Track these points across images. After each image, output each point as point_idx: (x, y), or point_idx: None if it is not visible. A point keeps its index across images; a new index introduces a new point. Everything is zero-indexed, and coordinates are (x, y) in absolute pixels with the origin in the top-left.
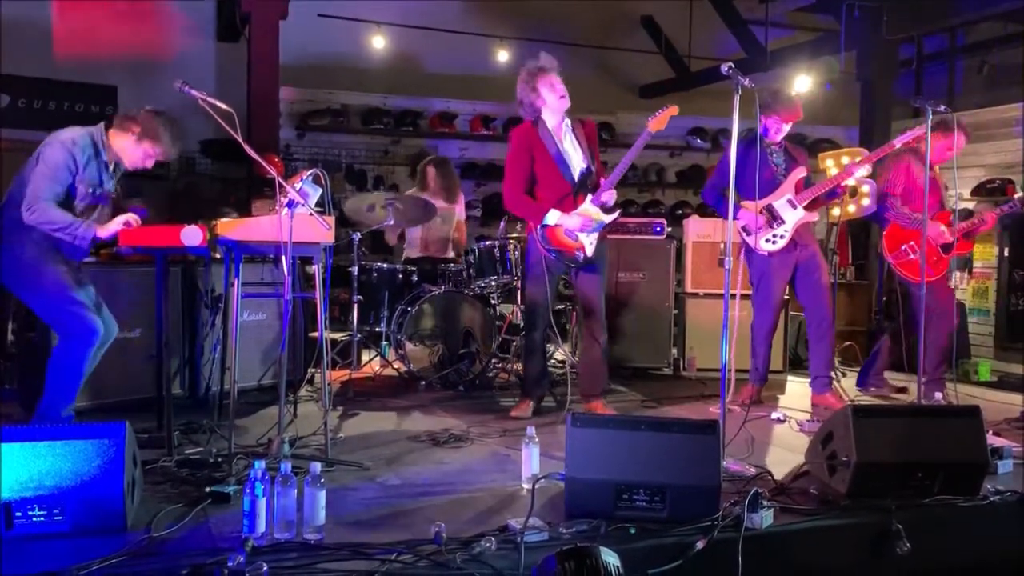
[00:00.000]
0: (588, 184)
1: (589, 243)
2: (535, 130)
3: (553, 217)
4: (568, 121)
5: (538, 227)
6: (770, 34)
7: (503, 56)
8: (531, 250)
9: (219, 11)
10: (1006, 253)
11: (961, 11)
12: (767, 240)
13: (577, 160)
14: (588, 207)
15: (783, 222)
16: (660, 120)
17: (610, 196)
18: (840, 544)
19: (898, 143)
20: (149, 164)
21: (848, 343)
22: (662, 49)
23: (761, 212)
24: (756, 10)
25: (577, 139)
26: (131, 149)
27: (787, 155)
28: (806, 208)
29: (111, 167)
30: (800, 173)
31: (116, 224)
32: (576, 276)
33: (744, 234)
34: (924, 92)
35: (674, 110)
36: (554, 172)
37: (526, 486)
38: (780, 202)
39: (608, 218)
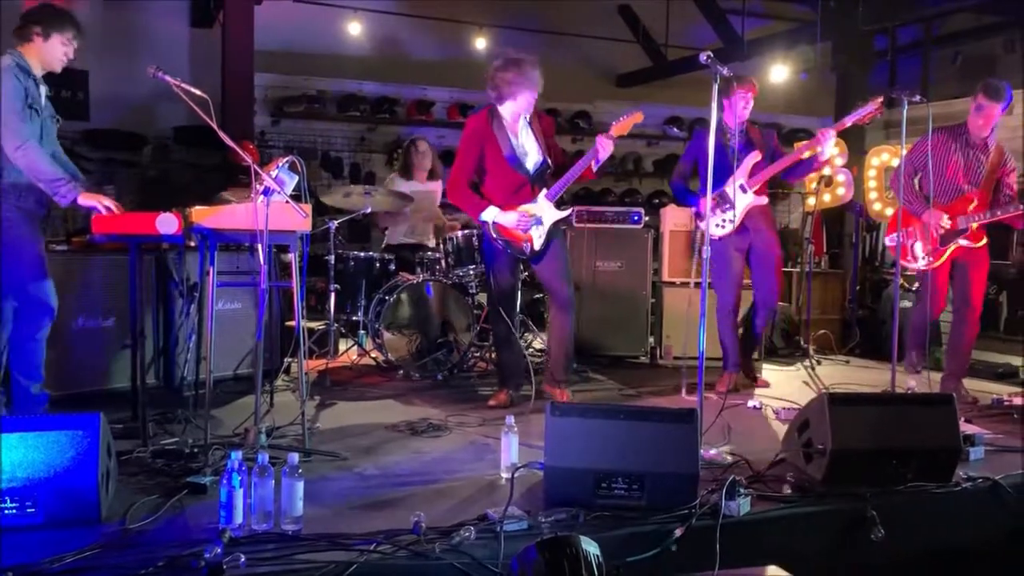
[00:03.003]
0: (544, 177)
1: (537, 236)
2: (489, 123)
3: (489, 214)
4: (526, 113)
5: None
6: (747, 24)
7: (481, 43)
8: (485, 240)
9: None
10: None
11: (934, 1)
12: (716, 225)
13: (533, 153)
14: (542, 202)
15: (732, 207)
16: (622, 126)
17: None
18: (816, 531)
19: (849, 121)
20: (71, 55)
21: (823, 331)
22: (639, 38)
23: (713, 198)
24: None
25: (534, 132)
26: (46, 50)
27: (747, 139)
28: (756, 192)
29: (39, 83)
30: (754, 158)
31: (94, 199)
32: (535, 265)
33: (697, 220)
34: (898, 82)
35: (638, 117)
36: (504, 167)
37: (505, 475)
38: (732, 187)
39: (560, 214)
